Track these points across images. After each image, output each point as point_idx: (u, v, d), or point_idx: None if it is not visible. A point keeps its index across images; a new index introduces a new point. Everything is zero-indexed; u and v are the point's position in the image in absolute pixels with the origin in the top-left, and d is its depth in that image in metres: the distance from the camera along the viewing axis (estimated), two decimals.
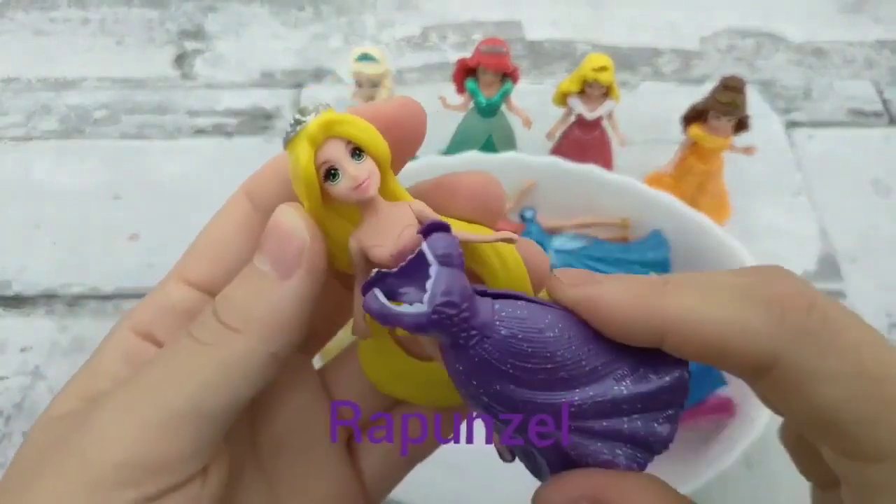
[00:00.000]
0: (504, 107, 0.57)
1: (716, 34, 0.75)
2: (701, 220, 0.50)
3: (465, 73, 0.55)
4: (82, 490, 0.17)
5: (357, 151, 0.19)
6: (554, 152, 0.59)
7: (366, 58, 0.53)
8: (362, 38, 0.74)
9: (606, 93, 0.55)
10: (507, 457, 0.20)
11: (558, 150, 0.59)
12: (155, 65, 0.71)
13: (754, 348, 0.17)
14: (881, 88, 0.70)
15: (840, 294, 0.55)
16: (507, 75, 0.55)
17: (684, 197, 0.53)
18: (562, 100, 0.57)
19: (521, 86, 0.56)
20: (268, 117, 0.67)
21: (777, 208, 0.61)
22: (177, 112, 0.67)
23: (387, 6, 0.77)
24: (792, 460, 0.21)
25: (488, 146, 0.57)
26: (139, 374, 0.19)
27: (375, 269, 0.19)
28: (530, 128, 0.58)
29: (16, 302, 0.55)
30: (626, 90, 0.68)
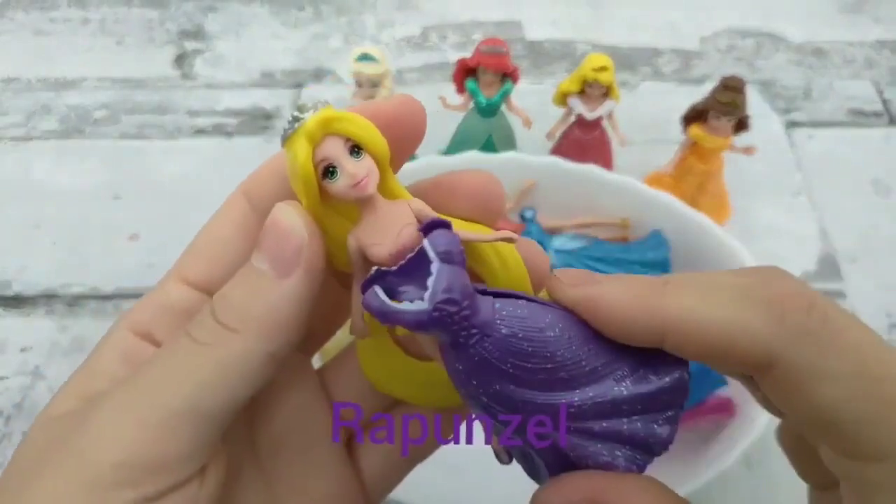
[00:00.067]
0: (504, 107, 0.57)
1: (716, 34, 0.75)
2: (701, 220, 0.49)
3: (465, 73, 0.55)
4: (81, 490, 0.17)
5: (356, 149, 0.19)
6: (554, 152, 0.59)
7: (366, 58, 0.53)
8: (362, 38, 0.74)
9: (606, 93, 0.55)
10: (505, 458, 0.20)
11: (558, 150, 0.59)
12: (155, 65, 0.71)
13: (754, 348, 0.17)
14: (881, 88, 0.70)
15: (840, 294, 0.55)
16: (507, 75, 0.55)
17: (684, 197, 0.53)
18: (562, 100, 0.57)
19: (521, 86, 0.56)
20: (268, 117, 0.67)
21: (777, 208, 0.60)
22: (177, 112, 0.67)
23: (387, 6, 0.77)
24: (789, 462, 0.21)
25: (488, 146, 0.57)
26: (137, 373, 0.18)
27: (375, 267, 0.18)
28: (530, 128, 0.58)
29: (16, 302, 0.55)
30: (626, 90, 0.68)
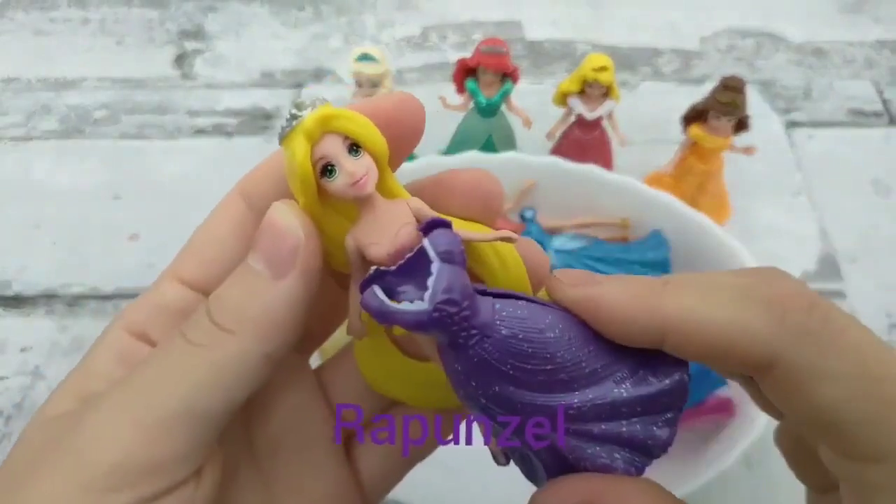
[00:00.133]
0: (504, 107, 0.57)
1: (716, 34, 0.75)
2: (701, 220, 0.49)
3: (465, 73, 0.55)
4: (76, 491, 0.17)
5: (354, 147, 0.18)
6: (554, 152, 0.58)
7: (366, 58, 0.53)
8: (362, 38, 0.74)
9: (606, 93, 0.55)
10: (502, 460, 0.20)
11: (558, 150, 0.59)
12: (155, 65, 0.71)
13: (755, 348, 0.17)
14: (881, 88, 0.70)
15: (840, 294, 0.55)
16: (507, 75, 0.55)
17: (684, 197, 0.53)
18: (562, 100, 0.57)
19: (521, 86, 0.56)
20: (268, 117, 0.67)
21: (777, 208, 0.60)
22: (177, 112, 0.67)
23: (387, 6, 0.77)
24: (788, 464, 0.21)
25: (488, 146, 0.57)
26: (132, 374, 0.18)
27: (373, 267, 0.18)
28: (530, 128, 0.57)
29: (16, 302, 0.55)
30: (626, 90, 0.68)
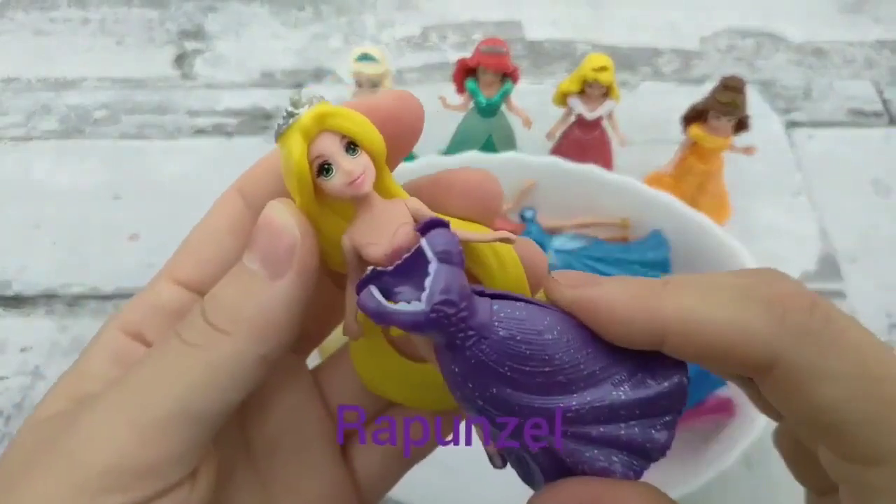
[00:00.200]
0: (504, 107, 0.57)
1: (716, 34, 0.75)
2: (701, 220, 0.49)
3: (465, 73, 0.55)
4: (69, 492, 0.16)
5: (351, 146, 0.18)
6: (554, 152, 0.58)
7: (366, 58, 0.53)
8: (362, 38, 0.74)
9: (606, 93, 0.55)
10: (499, 462, 0.20)
11: (558, 150, 0.59)
12: (155, 65, 0.71)
13: (755, 348, 0.17)
14: (881, 88, 0.70)
15: (840, 294, 0.55)
16: (507, 75, 0.55)
17: (684, 197, 0.53)
18: (562, 100, 0.57)
19: (521, 86, 0.56)
20: (268, 117, 0.67)
21: (777, 208, 0.60)
22: (177, 112, 0.67)
23: (387, 6, 0.77)
24: (787, 466, 0.21)
25: (488, 146, 0.57)
26: (127, 375, 0.18)
27: (370, 267, 0.18)
28: (530, 128, 0.57)
29: (16, 302, 0.55)
30: (626, 90, 0.68)
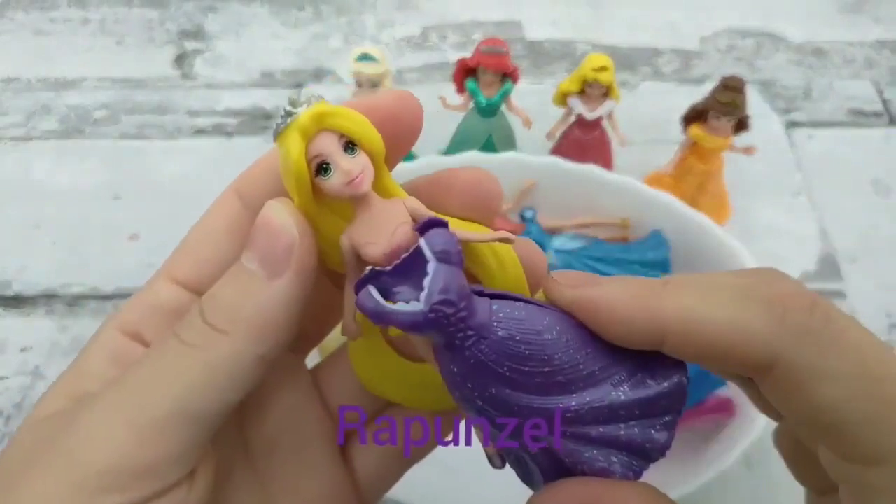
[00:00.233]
0: (504, 107, 0.57)
1: (716, 34, 0.75)
2: (701, 220, 0.49)
3: (465, 73, 0.55)
4: (67, 492, 0.16)
5: (350, 145, 0.18)
6: (554, 152, 0.58)
7: (366, 58, 0.53)
8: (362, 38, 0.74)
9: (606, 93, 0.55)
10: (498, 463, 0.20)
11: (558, 150, 0.59)
12: (155, 65, 0.71)
13: (755, 348, 0.17)
14: (881, 88, 0.70)
15: (840, 294, 0.55)
16: (507, 75, 0.55)
17: (684, 197, 0.53)
18: (562, 100, 0.57)
19: (521, 86, 0.56)
20: (268, 117, 0.67)
21: (777, 208, 0.60)
22: (177, 112, 0.67)
23: (387, 6, 0.77)
24: (787, 466, 0.21)
25: (488, 146, 0.57)
26: (126, 375, 0.18)
27: (369, 267, 0.18)
28: (530, 128, 0.57)
29: (16, 302, 0.55)
30: (626, 90, 0.68)
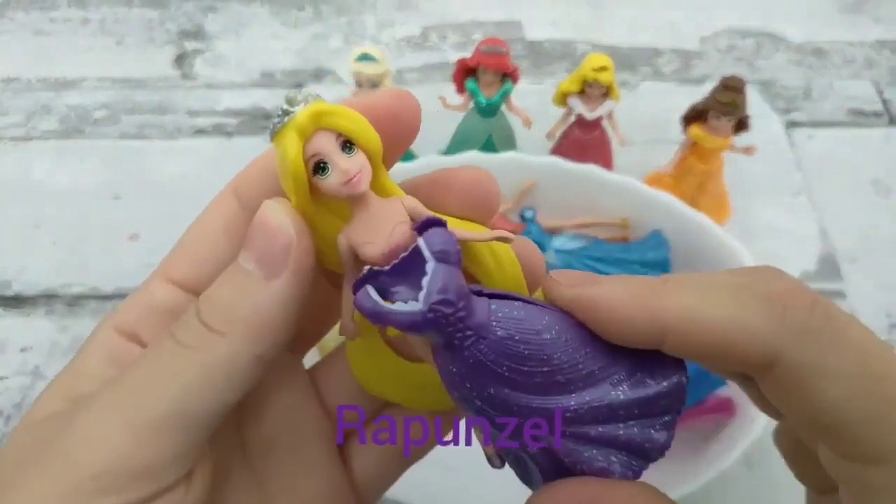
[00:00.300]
0: (504, 107, 0.57)
1: (716, 34, 0.75)
2: (701, 220, 0.49)
3: (465, 73, 0.55)
4: (64, 494, 0.16)
5: (348, 144, 0.18)
6: (554, 152, 0.58)
7: (366, 58, 0.53)
8: (362, 38, 0.74)
9: (606, 93, 0.55)
10: (497, 463, 0.20)
11: (558, 150, 0.59)
12: (155, 65, 0.71)
13: (755, 346, 0.17)
14: (881, 88, 0.70)
15: (840, 294, 0.55)
16: (507, 75, 0.55)
17: (684, 197, 0.53)
18: (562, 100, 0.57)
19: (521, 86, 0.56)
20: (268, 117, 0.67)
21: (777, 208, 0.60)
22: (177, 112, 0.67)
23: (387, 6, 0.77)
24: (787, 465, 0.21)
25: (488, 146, 0.57)
26: (123, 376, 0.18)
27: (367, 267, 0.18)
28: (530, 128, 0.57)
29: (16, 302, 0.55)
30: (626, 90, 0.68)
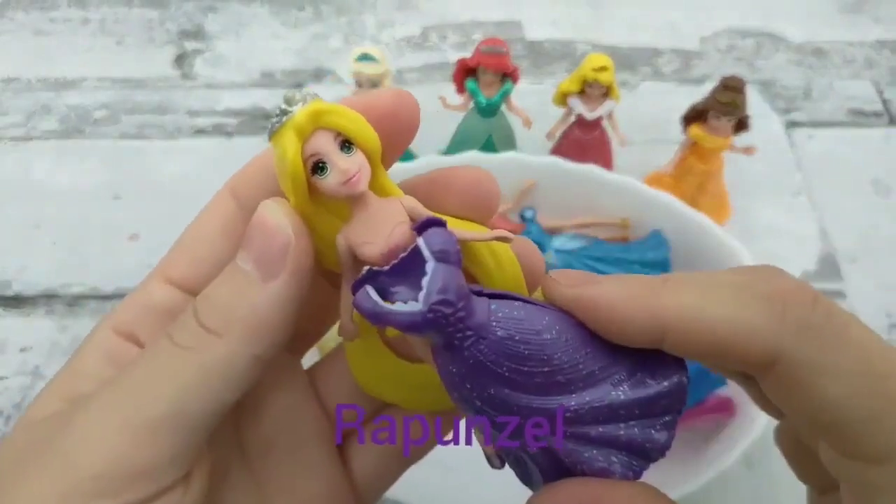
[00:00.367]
0: (504, 107, 0.57)
1: (716, 34, 0.75)
2: (701, 220, 0.49)
3: (465, 73, 0.55)
4: (62, 495, 0.16)
5: (346, 144, 0.18)
6: (554, 152, 0.58)
7: (366, 58, 0.53)
8: (362, 38, 0.74)
9: (606, 93, 0.55)
10: (496, 463, 0.20)
11: (558, 150, 0.59)
12: (155, 65, 0.71)
13: (756, 345, 0.17)
14: (881, 88, 0.70)
15: (840, 294, 0.55)
16: (507, 75, 0.55)
17: (684, 197, 0.53)
18: (562, 100, 0.57)
19: (521, 86, 0.56)
20: (268, 117, 0.67)
21: (777, 208, 0.60)
22: (177, 112, 0.67)
23: (387, 6, 0.77)
24: (788, 464, 0.21)
25: (488, 146, 0.57)
26: (120, 377, 0.18)
27: (366, 267, 0.18)
28: (530, 128, 0.57)
29: (16, 302, 0.55)
30: (626, 90, 0.68)
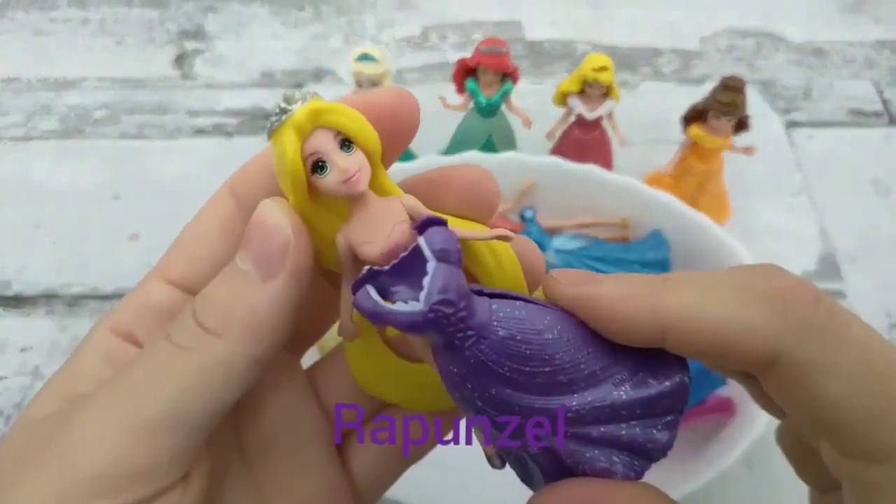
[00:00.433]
0: (504, 107, 0.57)
1: (716, 34, 0.75)
2: (701, 220, 0.49)
3: (465, 73, 0.55)
4: (60, 495, 0.16)
5: (346, 143, 0.18)
6: (554, 152, 0.58)
7: (366, 58, 0.53)
8: (362, 38, 0.74)
9: (606, 93, 0.55)
10: (497, 463, 0.20)
11: (558, 150, 0.59)
12: (155, 65, 0.71)
13: (757, 344, 0.17)
14: (881, 88, 0.70)
15: (840, 294, 0.55)
16: (507, 75, 0.55)
17: (684, 197, 0.53)
18: (562, 100, 0.57)
19: (521, 86, 0.56)
20: (268, 117, 0.66)
21: (777, 208, 0.60)
22: (177, 112, 0.67)
23: (387, 6, 0.77)
24: (790, 463, 0.21)
25: (488, 146, 0.57)
26: (118, 377, 0.18)
27: (366, 267, 0.18)
28: (530, 128, 0.57)
29: (16, 302, 0.55)
30: (626, 90, 0.68)
